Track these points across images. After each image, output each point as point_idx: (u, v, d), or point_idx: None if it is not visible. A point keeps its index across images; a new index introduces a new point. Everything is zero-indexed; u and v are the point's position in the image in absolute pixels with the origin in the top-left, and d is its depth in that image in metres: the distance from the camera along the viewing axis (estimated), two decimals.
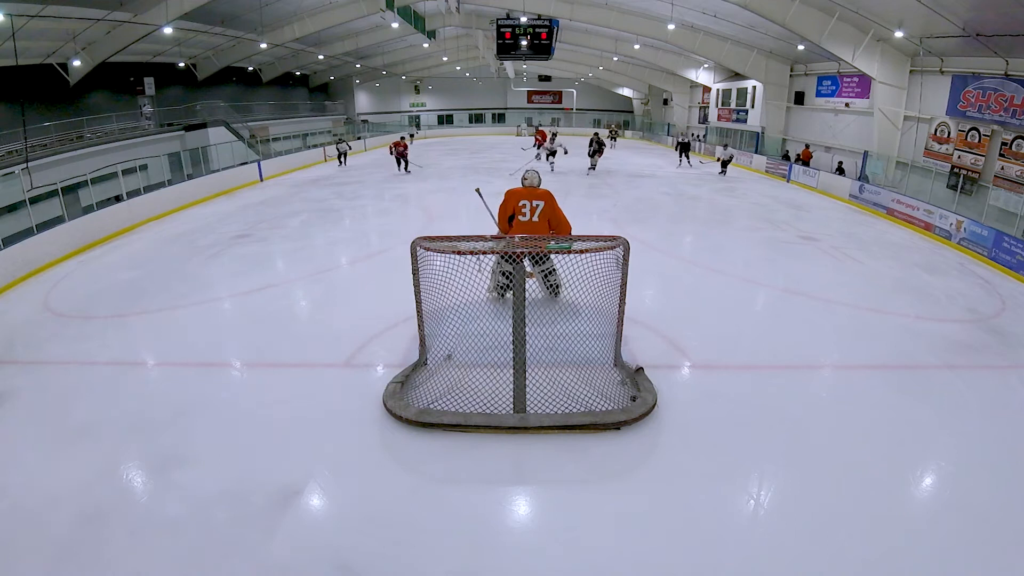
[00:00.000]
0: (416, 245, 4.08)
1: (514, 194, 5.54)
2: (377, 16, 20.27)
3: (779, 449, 3.80)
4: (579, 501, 3.34)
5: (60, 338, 5.71)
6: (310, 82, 33.51)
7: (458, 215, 11.28)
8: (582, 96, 38.84)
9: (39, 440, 3.94)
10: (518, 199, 5.47)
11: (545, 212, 5.43)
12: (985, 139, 11.66)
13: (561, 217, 5.58)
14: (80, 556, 2.92)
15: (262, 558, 2.90)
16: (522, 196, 5.47)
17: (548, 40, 14.68)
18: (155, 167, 13.71)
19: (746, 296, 6.93)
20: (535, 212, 5.40)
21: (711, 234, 9.96)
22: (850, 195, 13.83)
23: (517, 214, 5.48)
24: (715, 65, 22.66)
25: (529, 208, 5.41)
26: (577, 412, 3.96)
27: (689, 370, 4.90)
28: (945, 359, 5.21)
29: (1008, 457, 3.78)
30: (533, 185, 5.64)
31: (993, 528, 3.13)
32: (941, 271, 8.23)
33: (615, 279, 4.23)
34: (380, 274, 7.55)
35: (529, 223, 5.41)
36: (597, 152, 17.99)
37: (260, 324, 5.94)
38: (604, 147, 18.42)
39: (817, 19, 13.34)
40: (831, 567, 2.86)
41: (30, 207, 8.82)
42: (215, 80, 23.77)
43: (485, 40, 23.34)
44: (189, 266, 8.13)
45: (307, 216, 11.52)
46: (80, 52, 15.81)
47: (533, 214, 5.39)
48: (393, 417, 4.01)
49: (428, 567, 2.86)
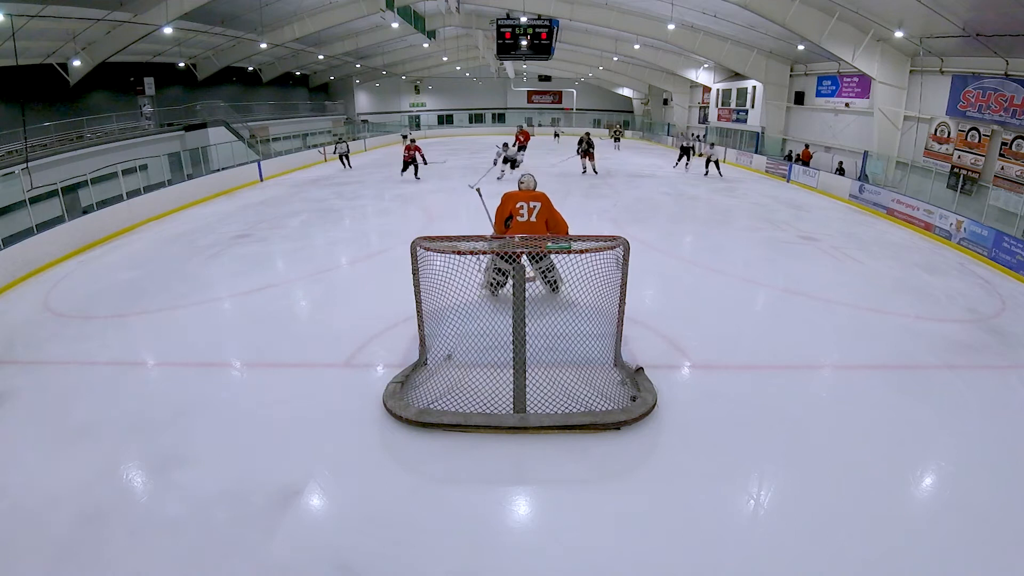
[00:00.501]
0: (416, 245, 4.09)
1: (511, 197, 5.73)
2: (377, 16, 20.27)
3: (779, 449, 3.80)
4: (579, 501, 3.34)
5: (60, 338, 5.71)
6: (310, 82, 33.51)
7: (458, 215, 11.27)
8: (582, 96, 38.84)
9: (39, 440, 3.95)
10: (515, 201, 5.67)
11: (543, 213, 5.63)
12: (985, 139, 11.66)
13: (558, 218, 5.77)
14: (80, 556, 2.92)
15: (262, 558, 2.90)
16: (519, 199, 5.67)
17: (548, 40, 14.67)
18: (155, 167, 13.70)
19: (746, 296, 6.93)
20: (533, 212, 5.60)
21: (711, 234, 9.96)
22: (850, 195, 13.82)
23: (515, 215, 5.65)
24: (715, 65, 22.65)
25: (527, 209, 5.61)
26: (577, 412, 3.96)
27: (689, 370, 4.90)
28: (945, 359, 5.21)
29: (1008, 457, 3.78)
30: (530, 188, 5.91)
31: (993, 528, 3.13)
32: (941, 271, 8.23)
33: (615, 279, 4.23)
34: (380, 274, 7.55)
35: (527, 223, 5.59)
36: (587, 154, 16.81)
37: (260, 324, 5.94)
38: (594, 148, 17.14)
39: (817, 19, 13.34)
40: (831, 567, 2.86)
41: (30, 207, 8.81)
42: (215, 80, 23.77)
43: (485, 40, 23.34)
44: (189, 266, 8.13)
45: (307, 216, 11.52)
46: (80, 52, 15.81)
47: (531, 215, 5.59)
48: (393, 417, 4.01)
49: (428, 567, 2.86)
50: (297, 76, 31.30)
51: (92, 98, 17.99)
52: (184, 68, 22.02)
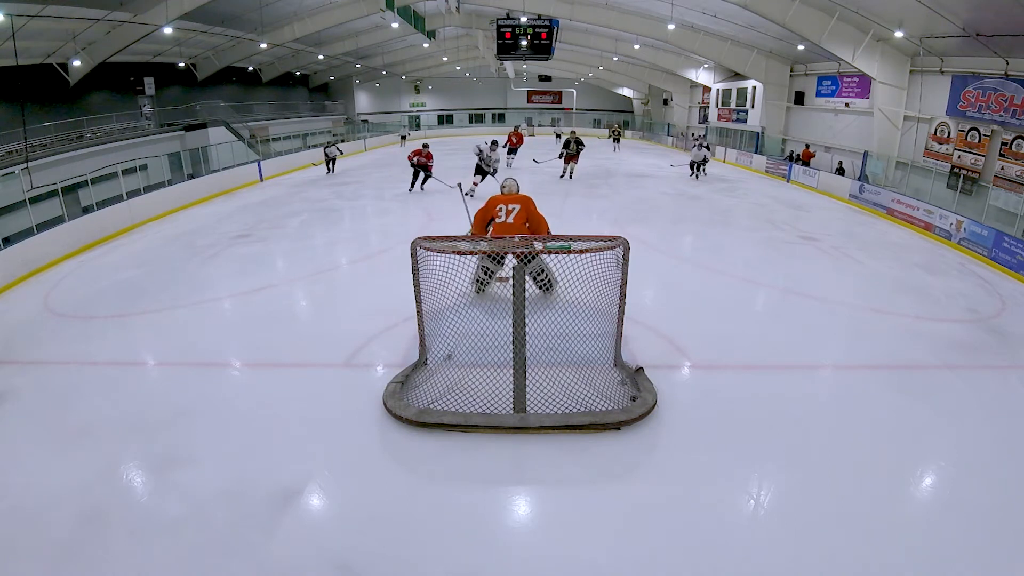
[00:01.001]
0: (416, 245, 4.08)
1: (494, 200, 5.97)
2: (377, 16, 20.25)
3: (779, 449, 3.80)
4: (579, 501, 3.34)
5: (60, 338, 5.71)
6: (310, 82, 33.51)
7: (458, 215, 11.24)
8: (582, 96, 38.82)
9: (39, 440, 3.94)
10: (496, 204, 5.91)
11: (521, 214, 5.85)
12: (985, 139, 11.66)
13: (539, 218, 5.98)
14: (80, 556, 2.91)
15: (262, 558, 2.90)
16: (500, 201, 5.92)
17: (548, 40, 14.66)
18: (155, 167, 13.70)
19: (746, 296, 6.93)
20: (511, 214, 5.83)
21: (711, 234, 9.96)
22: (850, 195, 13.82)
23: (495, 217, 5.89)
24: (715, 65, 22.64)
25: (505, 211, 5.85)
26: (577, 412, 3.96)
27: (689, 370, 4.90)
28: (945, 359, 5.21)
29: (1008, 457, 3.77)
30: (512, 191, 6.22)
31: (993, 528, 3.12)
32: (941, 271, 8.23)
33: (615, 279, 4.23)
34: (380, 274, 7.55)
35: (504, 224, 5.81)
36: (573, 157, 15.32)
37: (260, 324, 5.94)
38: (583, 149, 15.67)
39: (817, 19, 13.33)
40: (831, 567, 2.85)
41: (30, 207, 8.82)
42: (215, 80, 23.76)
43: (485, 40, 23.32)
44: (189, 266, 8.13)
45: (307, 216, 11.52)
46: (80, 52, 15.81)
47: (509, 216, 5.83)
48: (393, 417, 4.01)
49: (428, 567, 2.86)
50: (297, 76, 31.30)
51: (92, 98, 17.99)
52: (184, 68, 22.01)
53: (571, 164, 15.58)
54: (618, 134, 26.37)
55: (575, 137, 15.72)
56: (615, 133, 26.34)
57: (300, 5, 18.86)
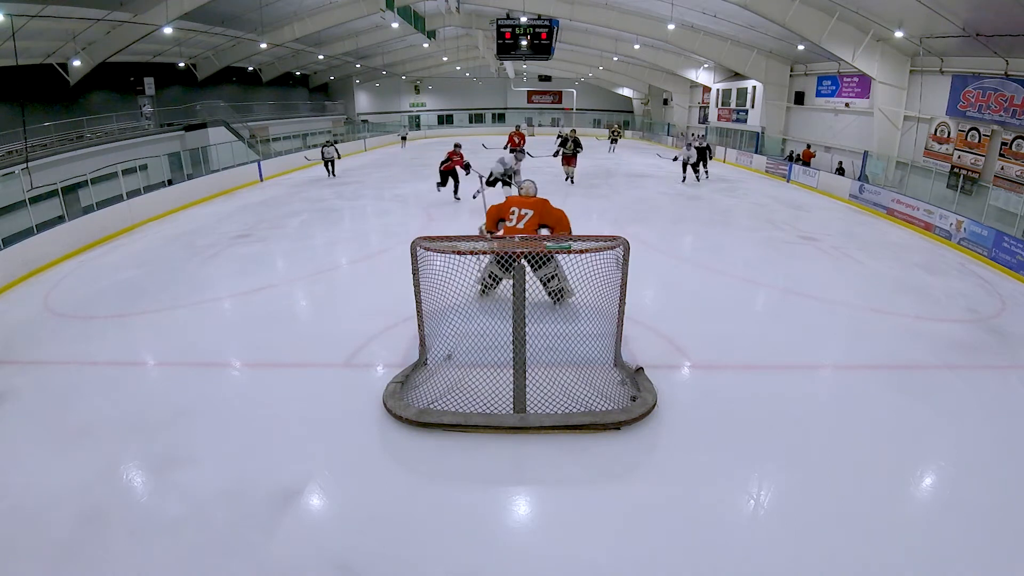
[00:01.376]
0: (416, 245, 4.09)
1: (510, 201, 5.86)
2: (377, 16, 20.26)
3: (779, 449, 3.80)
4: (579, 501, 3.34)
5: (60, 338, 5.71)
6: (310, 82, 33.51)
7: (458, 215, 11.27)
8: (582, 96, 38.81)
9: (39, 440, 3.94)
10: (511, 206, 5.78)
11: (533, 220, 5.65)
12: (985, 139, 11.66)
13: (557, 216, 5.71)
14: (80, 556, 2.91)
15: (262, 558, 2.90)
16: (515, 204, 5.78)
17: (548, 40, 14.66)
18: (155, 167, 13.69)
19: (746, 296, 6.93)
20: (523, 219, 5.66)
21: (711, 234, 9.95)
22: (850, 195, 13.82)
23: (507, 219, 5.75)
24: (715, 65, 22.64)
25: (517, 216, 5.69)
26: (577, 412, 3.96)
27: (689, 370, 4.90)
28: (945, 359, 5.21)
29: (1008, 457, 3.77)
30: (529, 194, 6.00)
31: (993, 528, 3.13)
32: (941, 271, 8.23)
33: (615, 279, 4.23)
34: (380, 274, 7.55)
35: (515, 229, 5.67)
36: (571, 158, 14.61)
37: (260, 324, 5.94)
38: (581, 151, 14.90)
39: (817, 19, 13.33)
40: (831, 567, 2.85)
41: (30, 207, 8.81)
42: (215, 80, 23.76)
43: (485, 40, 23.32)
44: (189, 266, 8.13)
45: (307, 216, 11.52)
46: (80, 52, 15.81)
47: (520, 221, 5.66)
48: (393, 417, 4.01)
49: (428, 567, 2.86)
50: (297, 76, 31.30)
51: (92, 98, 18.00)
52: (184, 68, 22.02)
53: (571, 168, 14.93)
54: (617, 135, 25.96)
55: (574, 137, 15.19)
56: (614, 134, 25.87)
57: (300, 5, 18.86)
